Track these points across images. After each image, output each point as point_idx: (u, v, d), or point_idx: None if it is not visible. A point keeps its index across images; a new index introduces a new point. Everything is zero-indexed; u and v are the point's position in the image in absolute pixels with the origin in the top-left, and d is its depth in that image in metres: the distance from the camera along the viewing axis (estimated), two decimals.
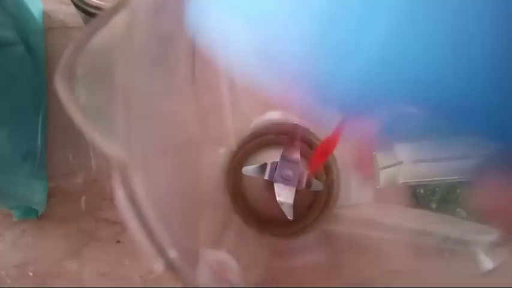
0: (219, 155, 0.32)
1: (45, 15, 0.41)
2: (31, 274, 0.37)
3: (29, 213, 0.36)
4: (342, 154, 0.35)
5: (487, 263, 0.21)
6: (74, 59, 0.13)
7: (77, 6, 0.33)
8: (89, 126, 0.12)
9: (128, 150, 0.13)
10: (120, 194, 0.11)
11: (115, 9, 0.14)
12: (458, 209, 0.24)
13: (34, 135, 0.35)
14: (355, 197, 0.35)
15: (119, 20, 0.14)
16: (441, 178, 0.30)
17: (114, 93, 0.14)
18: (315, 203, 0.36)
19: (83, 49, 0.13)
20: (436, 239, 0.23)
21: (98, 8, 0.33)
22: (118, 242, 0.37)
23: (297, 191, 0.32)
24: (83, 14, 0.34)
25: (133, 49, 0.14)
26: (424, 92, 0.15)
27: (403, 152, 0.31)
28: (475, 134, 0.16)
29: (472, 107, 0.15)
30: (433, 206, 0.27)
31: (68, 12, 0.42)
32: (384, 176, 0.32)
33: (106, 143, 0.12)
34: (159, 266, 0.12)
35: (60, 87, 0.13)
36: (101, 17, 0.13)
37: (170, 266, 0.12)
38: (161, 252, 0.11)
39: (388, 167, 0.32)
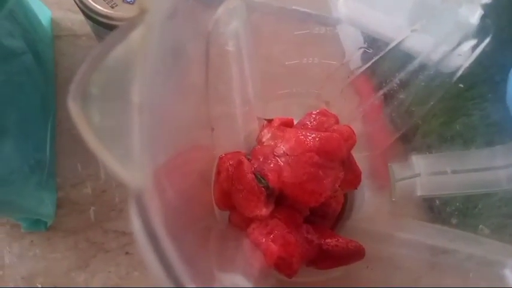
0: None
1: (54, 23, 0.41)
2: (39, 286, 0.36)
3: (37, 225, 0.35)
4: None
5: None
6: (88, 77, 0.13)
7: (85, 15, 0.33)
8: (103, 151, 0.12)
9: (145, 174, 0.12)
10: (137, 225, 0.10)
11: (130, 26, 0.13)
12: (481, 226, 0.23)
13: (43, 145, 0.35)
14: (370, 209, 0.34)
15: (134, 36, 0.13)
16: (461, 191, 0.29)
17: (130, 112, 0.13)
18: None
19: (97, 67, 0.13)
20: (458, 257, 0.22)
21: (106, 16, 0.32)
22: (127, 253, 0.37)
23: None
24: (91, 23, 0.33)
25: (149, 65, 0.14)
26: None
27: (421, 163, 0.30)
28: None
29: None
30: (454, 221, 0.26)
31: (76, 20, 0.41)
32: (400, 188, 0.31)
33: (121, 168, 0.11)
34: None
35: (73, 107, 0.12)
36: (115, 34, 0.13)
37: None
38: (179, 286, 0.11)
39: (405, 178, 0.31)
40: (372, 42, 0.30)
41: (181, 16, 0.18)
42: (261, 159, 0.29)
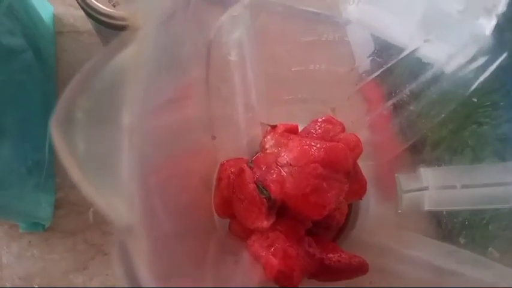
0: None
1: (56, 18, 0.40)
2: (36, 287, 0.36)
3: (36, 226, 0.35)
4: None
5: None
6: (73, 101, 0.12)
7: (86, 13, 0.32)
8: (87, 185, 0.11)
9: (133, 208, 0.11)
10: (120, 272, 0.10)
11: (121, 44, 0.12)
12: (490, 249, 0.22)
13: (42, 145, 0.34)
14: (375, 220, 0.33)
15: (125, 56, 0.12)
16: (471, 207, 0.28)
17: (118, 137, 0.12)
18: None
19: (83, 90, 0.12)
20: (466, 282, 0.21)
21: (108, 15, 0.31)
22: None
23: None
24: (92, 21, 0.32)
25: (141, 84, 0.13)
26: None
27: (429, 176, 0.29)
28: None
29: None
30: (462, 241, 0.25)
31: (79, 16, 0.40)
32: (406, 200, 0.30)
33: (106, 205, 0.11)
34: None
35: (56, 135, 0.11)
36: (103, 54, 0.12)
37: None
38: None
39: (412, 191, 0.30)
40: (383, 49, 0.29)
41: (180, 26, 0.17)
42: (263, 168, 0.28)
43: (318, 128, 0.30)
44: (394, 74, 0.27)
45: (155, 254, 0.12)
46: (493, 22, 0.21)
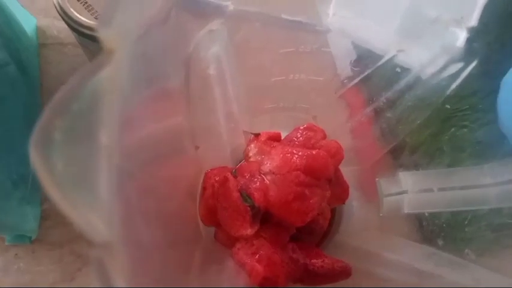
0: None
1: (39, 30, 0.40)
2: None
3: (22, 238, 0.35)
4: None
5: None
6: (52, 123, 0.12)
7: (69, 26, 0.32)
8: (66, 204, 0.11)
9: (111, 225, 0.12)
10: None
11: (96, 67, 0.13)
12: (467, 250, 0.23)
13: (26, 159, 0.34)
14: (358, 224, 0.33)
15: (101, 77, 0.13)
16: (448, 209, 0.28)
17: (96, 157, 0.12)
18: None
19: (61, 112, 0.12)
20: (443, 284, 0.22)
21: (90, 28, 0.31)
22: None
23: None
24: (76, 34, 0.33)
25: (117, 105, 0.13)
26: None
27: (408, 180, 0.30)
28: None
29: None
30: (440, 242, 0.26)
31: (62, 28, 0.40)
32: (387, 204, 0.31)
33: (85, 220, 0.11)
34: None
35: (35, 156, 0.12)
36: (79, 76, 0.12)
37: None
38: None
39: (392, 195, 0.31)
40: (363, 57, 0.30)
41: (159, 40, 0.18)
42: (247, 177, 0.29)
43: (299, 135, 0.31)
44: (371, 82, 0.27)
45: (136, 268, 0.12)
46: (463, 33, 0.22)
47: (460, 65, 0.22)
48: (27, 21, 0.38)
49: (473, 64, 0.21)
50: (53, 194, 0.11)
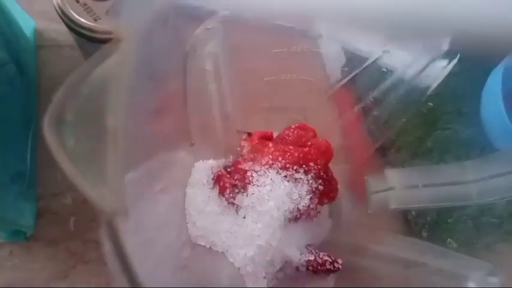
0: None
1: (37, 33, 0.41)
2: None
3: (17, 235, 0.35)
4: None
5: None
6: (63, 104, 0.13)
7: (68, 27, 0.33)
8: (77, 175, 0.12)
9: (119, 196, 0.13)
10: (108, 248, 0.11)
11: (105, 53, 0.14)
12: (449, 240, 0.24)
13: (23, 155, 0.35)
14: (348, 221, 0.34)
15: (109, 64, 0.14)
16: (433, 205, 0.30)
17: (104, 137, 0.13)
18: None
19: (72, 94, 0.13)
20: (428, 271, 0.23)
21: (89, 29, 0.32)
22: (107, 264, 0.37)
23: None
24: (75, 35, 0.34)
25: (124, 90, 0.14)
26: None
27: (394, 177, 0.31)
28: None
29: None
30: (424, 234, 0.27)
31: (60, 30, 0.41)
32: (375, 201, 0.32)
33: (94, 192, 0.12)
34: None
35: (48, 132, 0.13)
36: (90, 62, 0.13)
37: None
38: None
39: (379, 191, 0.32)
40: (351, 58, 0.31)
41: (158, 39, 0.19)
42: (240, 173, 0.30)
43: (291, 134, 0.32)
44: (359, 82, 0.29)
45: (140, 230, 0.13)
46: (445, 35, 0.23)
47: (441, 64, 0.23)
48: (26, 23, 0.39)
49: (454, 62, 0.23)
50: (65, 168, 0.12)
